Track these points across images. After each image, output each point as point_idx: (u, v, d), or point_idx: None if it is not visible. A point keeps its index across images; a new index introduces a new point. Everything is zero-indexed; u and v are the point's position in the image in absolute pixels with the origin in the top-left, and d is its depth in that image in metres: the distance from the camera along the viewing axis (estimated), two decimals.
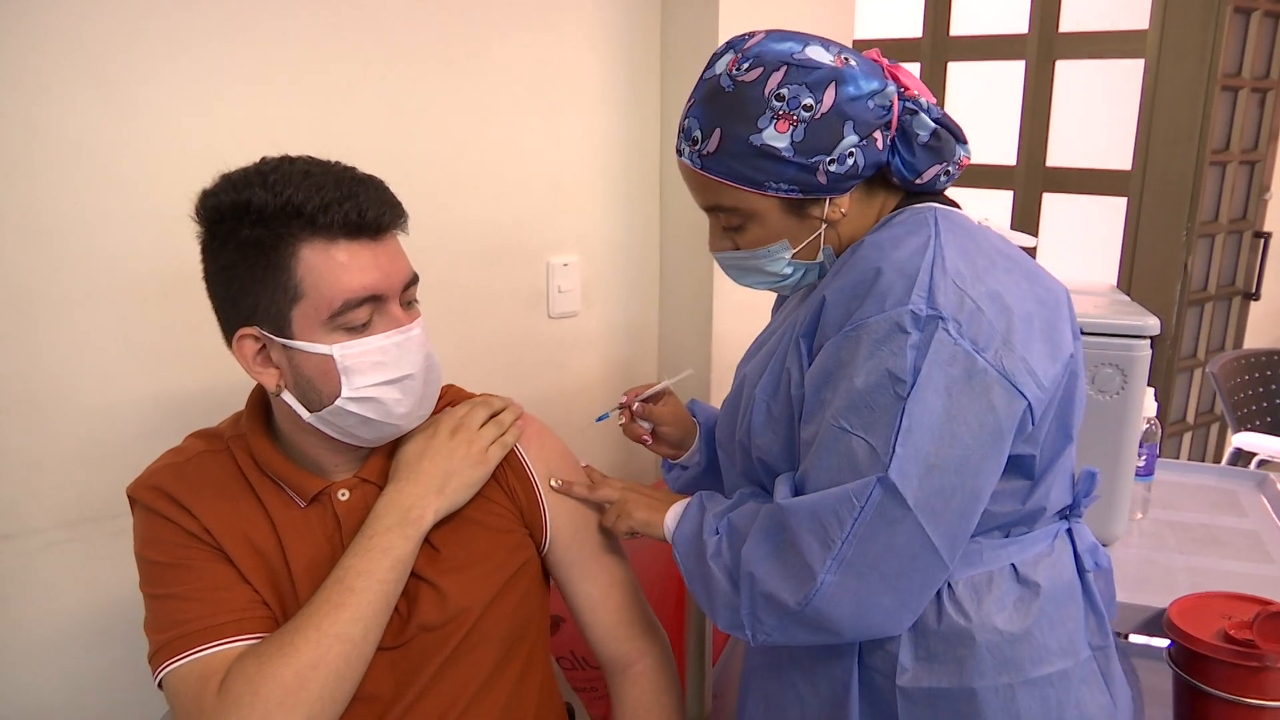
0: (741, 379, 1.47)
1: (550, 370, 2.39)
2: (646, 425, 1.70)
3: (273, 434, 1.39)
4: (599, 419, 1.73)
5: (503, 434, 1.45)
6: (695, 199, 1.36)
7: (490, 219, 2.19)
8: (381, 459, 1.40)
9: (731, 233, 1.37)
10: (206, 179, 1.27)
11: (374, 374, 1.28)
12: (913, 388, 1.19)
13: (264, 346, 1.28)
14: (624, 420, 1.71)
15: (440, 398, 1.50)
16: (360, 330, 1.27)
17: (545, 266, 2.32)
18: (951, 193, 1.43)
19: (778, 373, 1.36)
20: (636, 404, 1.69)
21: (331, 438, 1.34)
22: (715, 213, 1.36)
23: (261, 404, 1.40)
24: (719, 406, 1.70)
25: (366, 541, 1.30)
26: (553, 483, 1.50)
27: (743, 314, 2.39)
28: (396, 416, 1.33)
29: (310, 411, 1.30)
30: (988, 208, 4.12)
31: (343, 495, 1.37)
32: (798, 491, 1.28)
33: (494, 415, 1.47)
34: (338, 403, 1.28)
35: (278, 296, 1.24)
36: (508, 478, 1.47)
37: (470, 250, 2.18)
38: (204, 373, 1.78)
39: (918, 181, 1.34)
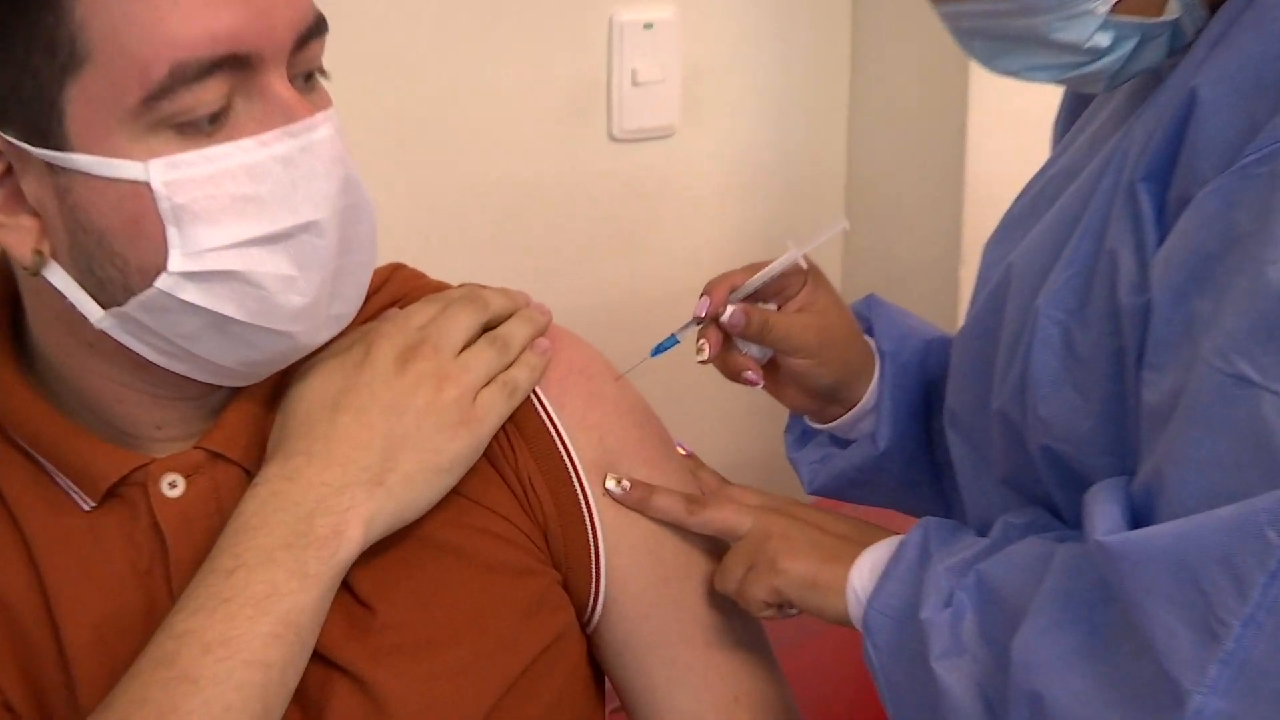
0: (1003, 270, 0.82)
1: (612, 247, 1.52)
2: (754, 351, 0.96)
3: (25, 365, 0.78)
4: (657, 350, 0.95)
5: (509, 367, 0.82)
6: None
7: None
8: (251, 411, 0.79)
9: None
10: None
11: (234, 223, 0.68)
12: None
13: (8, 171, 0.69)
14: (706, 348, 0.93)
15: (378, 287, 0.87)
16: (207, 131, 0.68)
17: (606, 30, 1.45)
18: None
19: (1086, 262, 0.75)
20: (731, 309, 0.92)
21: (148, 367, 0.74)
22: None
23: (3, 303, 0.80)
24: (950, 324, 1.07)
25: (222, 582, 0.70)
26: (611, 483, 0.85)
27: (1019, 132, 1.20)
28: (282, 315, 0.71)
29: (104, 309, 0.70)
30: None
31: (171, 486, 0.77)
32: (1140, 519, 0.68)
33: (491, 326, 0.84)
34: (158, 284, 0.68)
35: (35, 62, 0.65)
36: (517, 462, 0.83)
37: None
38: None
39: None
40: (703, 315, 0.93)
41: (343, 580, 0.73)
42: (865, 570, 0.80)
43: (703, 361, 0.94)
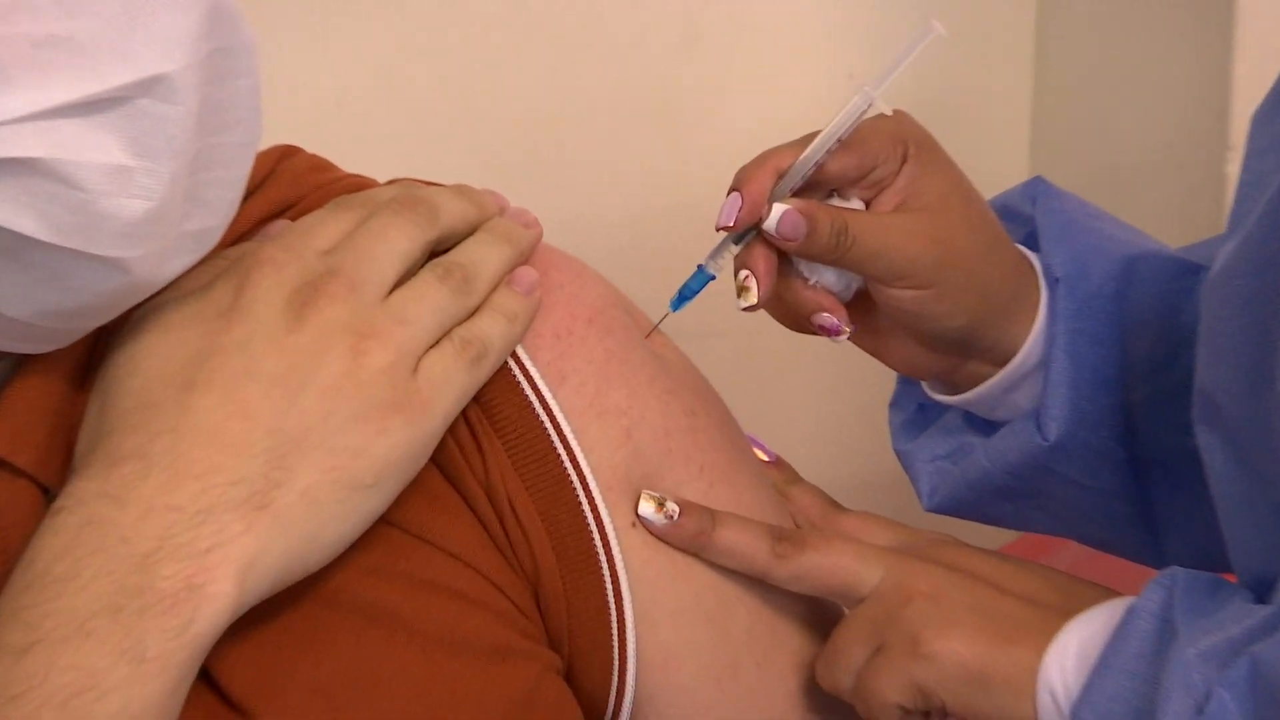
0: None
1: (642, 122, 1.22)
2: (829, 279, 0.66)
3: None
4: (680, 300, 0.66)
5: (472, 316, 0.58)
6: None
7: None
8: (51, 392, 0.56)
9: None
10: None
11: (32, 80, 0.45)
12: None
13: None
14: (751, 282, 0.64)
15: (256, 185, 0.62)
16: None
17: None
18: None
19: None
20: (781, 209, 0.62)
21: None
22: None
23: None
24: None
25: (9, 668, 0.48)
26: (649, 507, 0.59)
27: None
28: (109, 231, 0.48)
29: None
30: None
31: None
32: None
33: (443, 249, 0.59)
34: None
35: None
36: (487, 472, 0.59)
37: None
38: None
39: None
40: (732, 224, 0.62)
41: (203, 666, 0.51)
42: (1070, 655, 0.55)
43: (748, 308, 0.63)
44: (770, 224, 0.62)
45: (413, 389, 0.54)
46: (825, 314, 0.64)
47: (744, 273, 0.63)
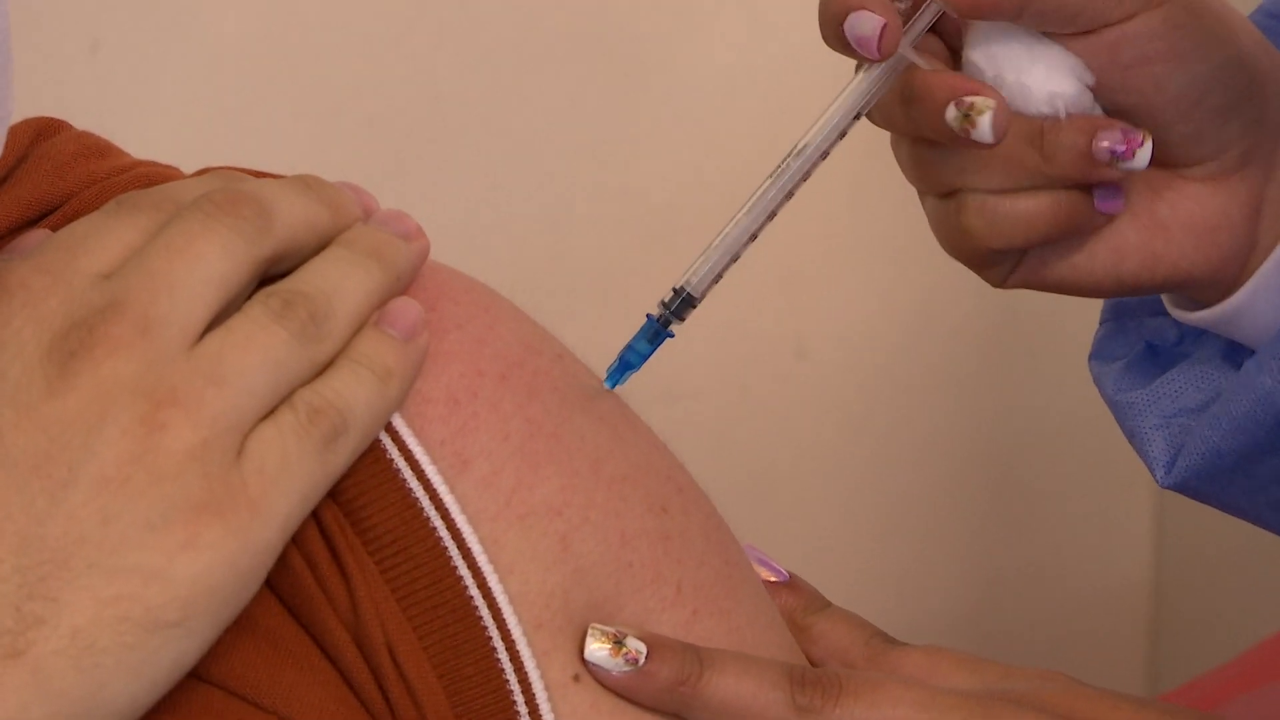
0: None
1: (583, 119, 1.12)
2: (1046, 77, 0.52)
3: None
4: (619, 372, 0.49)
5: (325, 371, 0.43)
6: None
7: None
8: None
9: None
10: None
11: None
12: None
13: None
14: (970, 100, 0.50)
15: (5, 173, 0.50)
16: None
17: None
18: None
19: None
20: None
21: None
22: None
23: None
24: None
25: None
26: (598, 647, 0.45)
27: None
28: None
29: None
30: None
31: None
32: None
33: (283, 271, 0.45)
34: None
35: None
36: (354, 603, 0.44)
37: None
38: None
39: None
40: (878, 43, 0.50)
41: None
42: None
43: (989, 140, 0.51)
44: None
45: (235, 482, 0.40)
46: (1109, 137, 0.50)
47: (966, 97, 0.50)
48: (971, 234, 0.54)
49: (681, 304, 0.50)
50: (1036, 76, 0.51)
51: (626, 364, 0.49)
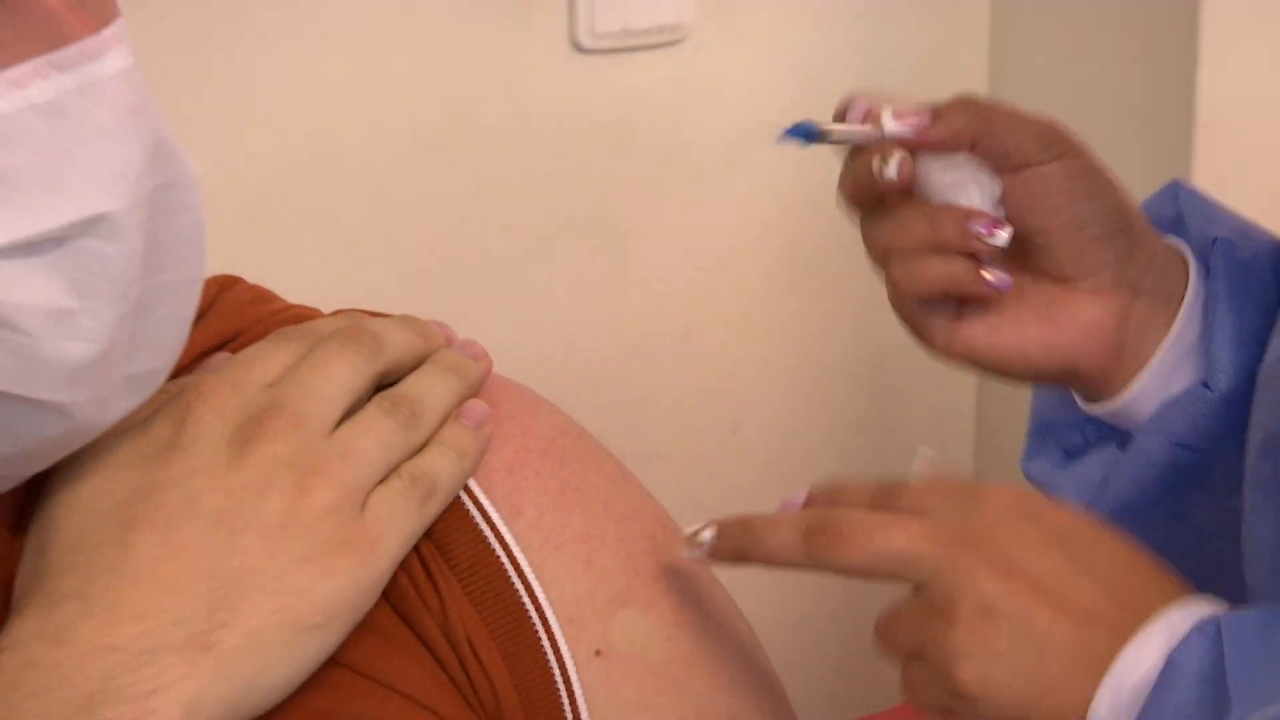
0: None
1: (590, 225, 1.08)
2: (976, 193, 0.67)
3: None
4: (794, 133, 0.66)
5: (421, 451, 0.57)
6: None
7: None
8: None
9: None
10: None
11: None
12: None
13: None
14: (894, 158, 0.65)
15: (196, 317, 0.57)
16: None
17: None
18: None
19: None
20: (899, 117, 0.65)
21: None
22: None
23: None
24: None
25: None
26: (690, 541, 0.61)
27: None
28: (52, 375, 0.46)
29: None
30: None
31: None
32: None
33: (389, 382, 0.58)
34: None
35: None
36: (445, 610, 0.57)
37: None
38: None
39: None
40: (861, 118, 0.65)
41: None
42: (1123, 699, 0.51)
43: (889, 181, 0.65)
44: (888, 122, 0.63)
45: (359, 528, 0.52)
46: (989, 228, 0.64)
47: (894, 157, 0.64)
48: (896, 284, 0.68)
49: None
50: (959, 185, 0.67)
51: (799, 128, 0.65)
